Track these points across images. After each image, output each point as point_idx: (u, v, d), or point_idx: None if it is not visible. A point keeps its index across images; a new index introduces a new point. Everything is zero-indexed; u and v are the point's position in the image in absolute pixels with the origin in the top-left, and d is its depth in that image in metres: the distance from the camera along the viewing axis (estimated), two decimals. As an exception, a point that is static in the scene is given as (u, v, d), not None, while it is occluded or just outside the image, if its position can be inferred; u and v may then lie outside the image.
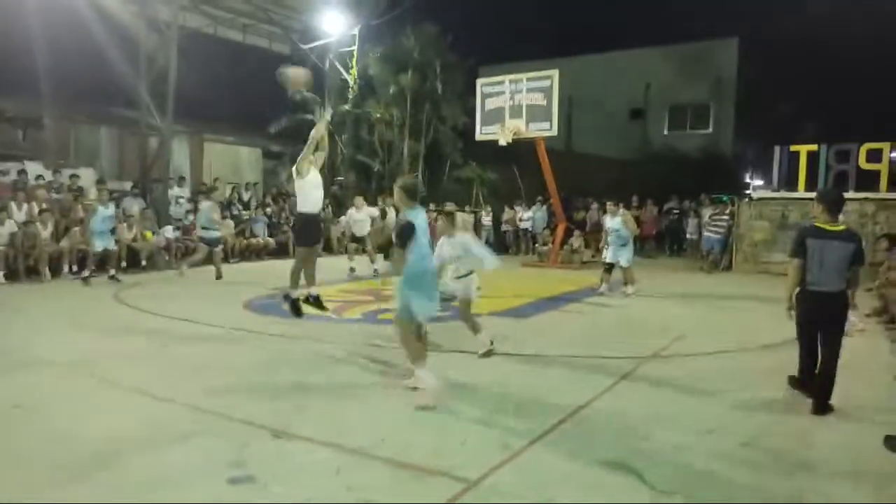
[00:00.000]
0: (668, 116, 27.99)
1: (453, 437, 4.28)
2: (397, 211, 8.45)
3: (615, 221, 10.75)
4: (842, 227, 4.96)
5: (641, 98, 27.65)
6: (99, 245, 11.54)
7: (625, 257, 10.70)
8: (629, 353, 6.68)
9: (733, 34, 26.42)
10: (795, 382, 5.25)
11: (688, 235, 17.92)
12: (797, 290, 5.02)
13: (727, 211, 15.49)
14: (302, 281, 7.41)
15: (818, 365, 4.97)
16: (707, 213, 16.23)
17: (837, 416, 4.81)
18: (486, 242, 20.15)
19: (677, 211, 18.64)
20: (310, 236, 7.40)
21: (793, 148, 14.90)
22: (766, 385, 5.57)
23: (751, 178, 27.24)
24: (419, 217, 5.26)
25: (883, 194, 13.72)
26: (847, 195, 12.47)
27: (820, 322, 4.95)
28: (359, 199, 13.67)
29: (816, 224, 5.02)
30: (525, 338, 7.39)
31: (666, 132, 27.54)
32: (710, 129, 26.81)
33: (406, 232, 5.12)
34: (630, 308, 9.73)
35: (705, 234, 15.57)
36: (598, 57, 27.63)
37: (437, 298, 5.29)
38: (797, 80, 26.36)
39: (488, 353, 6.39)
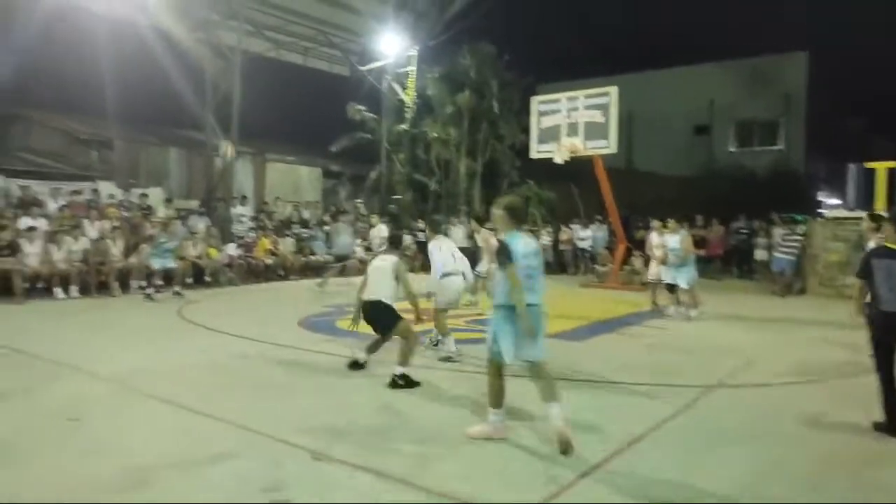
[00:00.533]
0: (735, 133, 27.05)
1: (498, 468, 4.07)
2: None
3: (675, 240, 10.31)
4: None
5: (706, 114, 26.85)
6: (157, 263, 12.05)
7: (684, 278, 10.25)
8: (692, 380, 6.30)
9: (802, 48, 25.40)
10: (884, 427, 4.76)
11: (757, 256, 17.06)
12: (867, 311, 4.98)
13: (800, 231, 14.69)
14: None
15: None
16: (778, 233, 15.39)
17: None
18: (546, 262, 19.92)
19: (746, 231, 17.80)
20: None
21: (869, 165, 14.05)
22: (841, 419, 5.12)
23: (824, 196, 25.98)
24: (519, 243, 4.49)
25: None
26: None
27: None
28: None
29: (886, 244, 4.95)
30: (580, 362, 7.09)
31: (732, 149, 26.59)
32: (781, 146, 25.73)
33: (502, 254, 4.41)
34: (694, 332, 9.26)
35: (776, 255, 14.77)
36: (659, 73, 27.08)
37: (540, 340, 4.47)
38: (871, 94, 25.09)
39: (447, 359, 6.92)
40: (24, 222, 12.08)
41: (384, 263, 6.47)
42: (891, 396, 4.73)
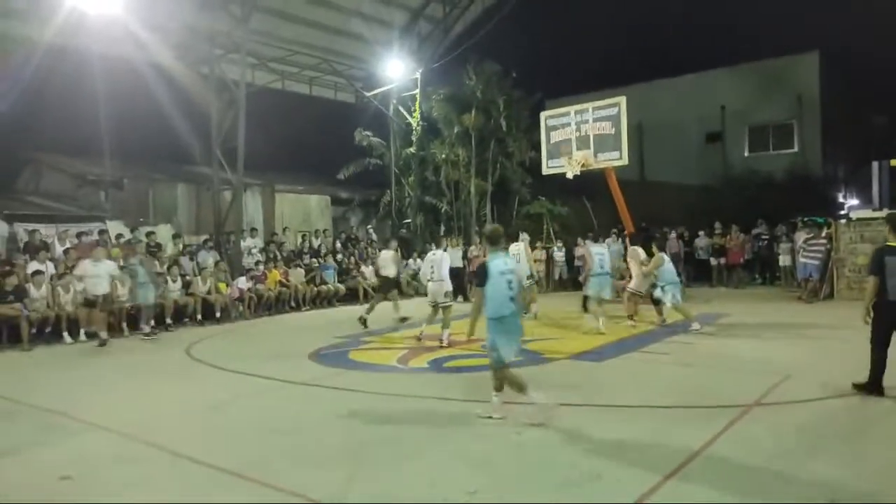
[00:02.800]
0: (748, 138, 26.58)
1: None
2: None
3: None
4: None
5: (717, 121, 26.42)
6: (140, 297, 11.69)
7: (667, 295, 10.12)
8: (726, 400, 5.88)
9: (813, 48, 24.97)
10: (868, 388, 5.85)
11: (781, 262, 16.52)
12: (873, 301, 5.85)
13: (824, 234, 14.19)
14: None
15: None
16: (801, 237, 14.88)
17: None
18: (559, 278, 19.60)
19: (766, 237, 17.29)
20: None
21: (894, 162, 13.57)
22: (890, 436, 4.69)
23: (844, 197, 25.32)
24: (498, 263, 5.47)
25: None
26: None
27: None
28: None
29: (889, 244, 5.89)
30: (603, 384, 6.71)
31: (747, 154, 26.10)
32: (796, 149, 25.20)
33: (478, 275, 5.52)
34: (723, 346, 8.81)
35: (801, 260, 14.27)
36: (668, 81, 26.73)
37: (517, 340, 5.52)
38: (887, 90, 24.57)
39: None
40: (31, 267, 11.94)
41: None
42: (882, 368, 5.82)
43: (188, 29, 16.23)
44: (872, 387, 5.87)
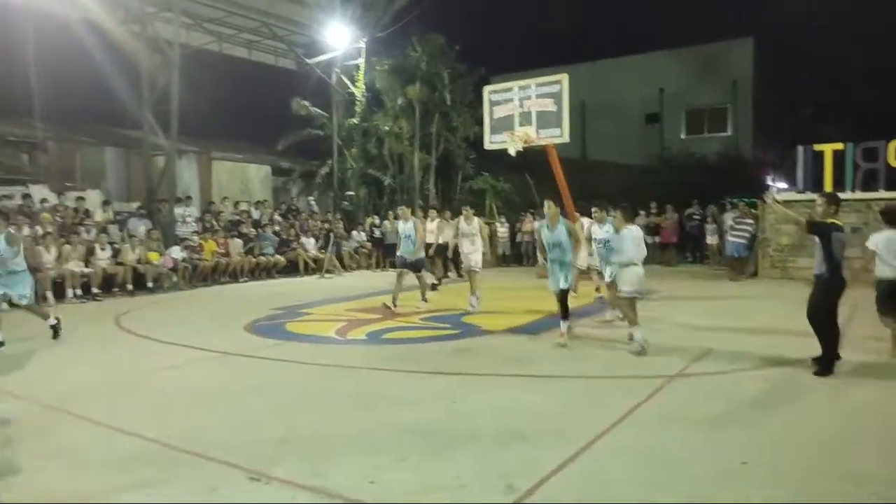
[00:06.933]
0: (686, 120, 27.36)
1: (448, 476, 3.77)
2: None
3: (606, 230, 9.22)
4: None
5: (657, 102, 27.07)
6: None
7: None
8: (650, 371, 6.12)
9: (748, 34, 25.79)
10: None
11: (708, 241, 17.23)
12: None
13: (750, 214, 14.84)
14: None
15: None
16: (729, 217, 15.55)
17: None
18: (503, 254, 19.83)
19: (698, 217, 17.97)
20: None
21: (817, 147, 14.23)
22: (806, 404, 5.00)
23: (773, 180, 26.48)
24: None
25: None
26: (879, 194, 11.95)
27: None
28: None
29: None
30: (538, 357, 6.87)
31: (683, 136, 26.89)
32: (729, 132, 26.11)
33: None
34: (651, 321, 9.13)
35: (730, 239, 14.91)
36: (610, 62, 27.17)
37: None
38: (816, 78, 25.63)
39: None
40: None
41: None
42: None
43: (118, -17, 15.39)
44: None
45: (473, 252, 10.76)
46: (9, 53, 15.43)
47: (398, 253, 10.45)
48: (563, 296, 7.50)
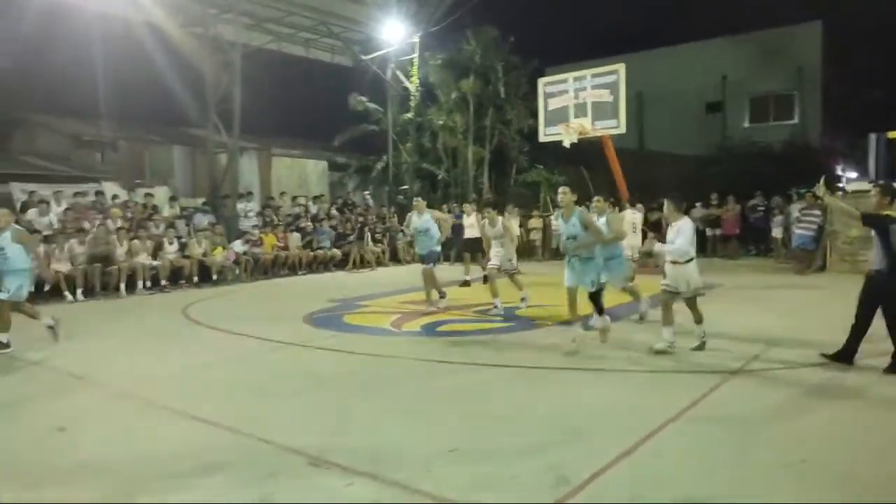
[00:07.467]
0: (749, 108, 26.40)
1: (500, 467, 3.81)
2: None
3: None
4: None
5: (718, 90, 26.21)
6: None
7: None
8: (710, 367, 6.00)
9: (815, 17, 24.64)
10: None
11: (773, 234, 16.59)
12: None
13: (819, 205, 14.23)
14: None
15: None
16: (796, 208, 14.92)
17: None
18: (556, 247, 19.61)
19: (762, 208, 17.32)
20: None
21: (891, 135, 13.54)
22: (872, 401, 4.81)
23: (842, 170, 25.27)
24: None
25: None
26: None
27: None
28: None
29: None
30: (592, 349, 6.81)
31: (747, 124, 25.96)
32: (796, 120, 25.06)
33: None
34: (712, 315, 8.90)
35: (796, 231, 14.33)
36: (668, 50, 26.44)
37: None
38: (888, 63, 24.27)
39: None
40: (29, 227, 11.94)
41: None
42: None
43: (181, -13, 15.99)
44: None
45: (494, 256, 9.69)
46: (80, 57, 16.28)
47: (416, 251, 10.02)
48: (593, 297, 6.99)
